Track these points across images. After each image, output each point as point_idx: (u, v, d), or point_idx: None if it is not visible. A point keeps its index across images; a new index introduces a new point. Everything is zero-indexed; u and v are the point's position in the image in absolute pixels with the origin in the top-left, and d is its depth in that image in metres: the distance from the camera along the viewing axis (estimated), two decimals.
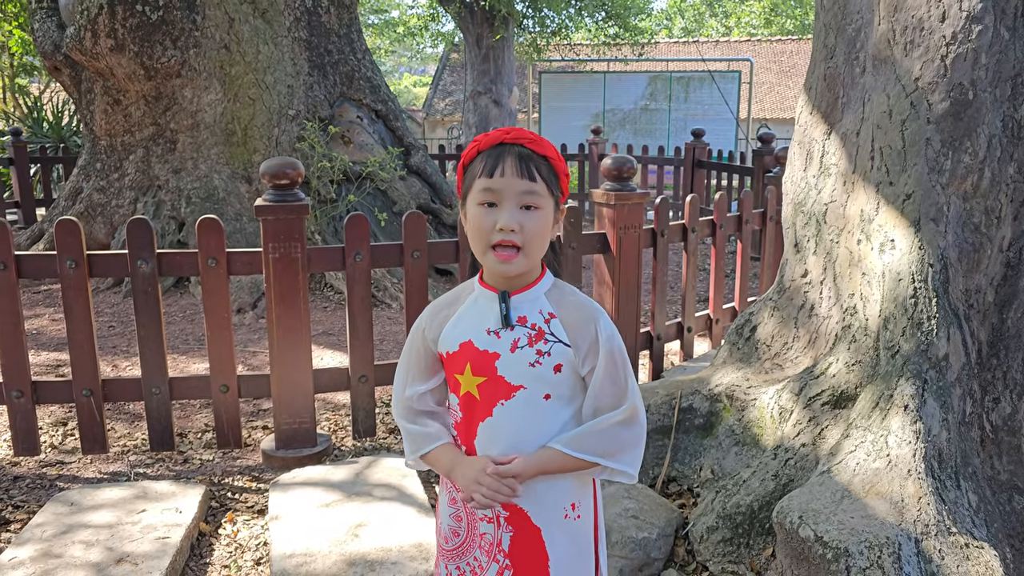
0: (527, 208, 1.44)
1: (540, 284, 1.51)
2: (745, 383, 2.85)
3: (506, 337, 1.49)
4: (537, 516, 1.54)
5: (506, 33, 13.54)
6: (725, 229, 4.61)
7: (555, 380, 1.49)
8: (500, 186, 1.43)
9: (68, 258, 3.20)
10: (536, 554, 1.54)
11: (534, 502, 1.53)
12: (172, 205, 6.46)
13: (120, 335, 5.36)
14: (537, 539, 1.54)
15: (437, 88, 26.47)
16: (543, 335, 1.48)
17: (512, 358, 1.48)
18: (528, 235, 1.43)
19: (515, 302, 1.50)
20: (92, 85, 6.57)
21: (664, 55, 22.05)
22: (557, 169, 1.49)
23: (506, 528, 1.54)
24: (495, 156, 1.44)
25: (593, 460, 1.48)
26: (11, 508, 3.07)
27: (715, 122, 14.10)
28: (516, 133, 1.46)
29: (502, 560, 1.55)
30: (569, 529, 1.56)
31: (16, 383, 3.31)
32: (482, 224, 1.44)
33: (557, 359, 1.48)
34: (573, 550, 1.56)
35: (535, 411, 1.50)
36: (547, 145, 1.48)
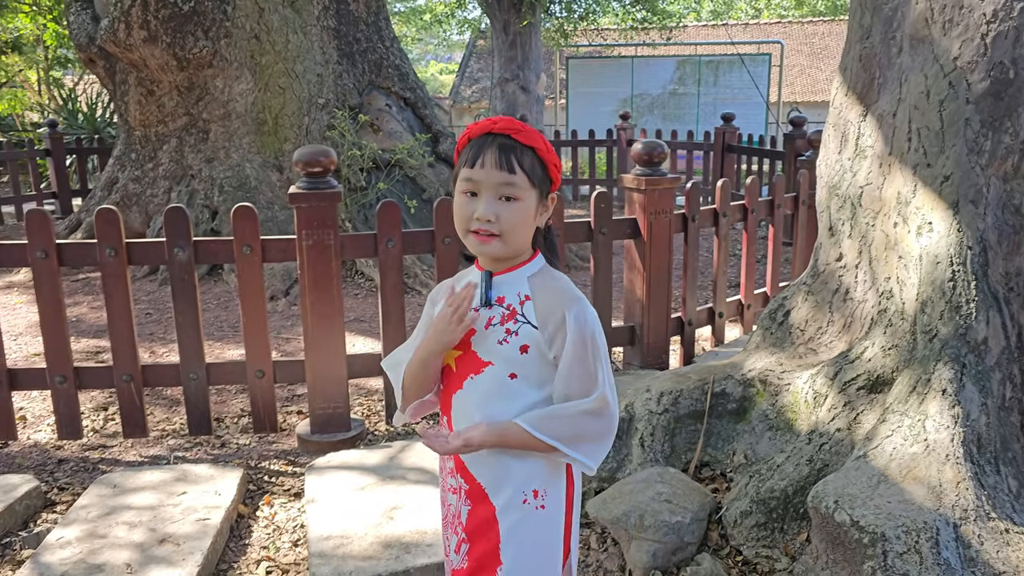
0: (506, 199, 1.46)
1: (525, 268, 1.54)
2: (779, 368, 2.84)
3: (484, 315, 1.52)
4: (494, 495, 1.54)
5: (533, 19, 13.48)
6: (757, 214, 4.58)
7: (521, 360, 1.50)
8: (479, 177, 1.46)
9: (108, 246, 3.26)
10: (489, 534, 1.54)
11: (492, 479, 1.54)
12: (205, 194, 6.54)
13: (156, 322, 5.45)
14: (492, 518, 1.54)
15: (464, 75, 26.43)
16: (514, 315, 1.51)
17: (485, 335, 1.52)
18: (505, 225, 1.46)
19: (497, 282, 1.54)
20: (126, 76, 6.66)
21: (693, 39, 21.82)
22: (545, 160, 1.50)
23: (465, 501, 1.57)
24: (478, 146, 1.47)
25: (552, 443, 1.47)
26: (56, 490, 3.15)
27: (745, 106, 13.94)
28: (504, 124, 1.48)
29: (460, 533, 1.58)
30: (527, 516, 1.53)
31: (59, 369, 3.39)
32: (462, 212, 1.49)
33: (524, 340, 1.50)
34: (530, 539, 1.54)
35: (500, 389, 1.52)
36: (534, 136, 1.49)
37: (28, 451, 3.51)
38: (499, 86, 13.79)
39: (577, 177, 11.04)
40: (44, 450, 3.52)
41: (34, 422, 3.83)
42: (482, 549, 1.54)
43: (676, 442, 2.88)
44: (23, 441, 3.61)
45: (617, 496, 2.59)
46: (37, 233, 3.26)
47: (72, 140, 10.30)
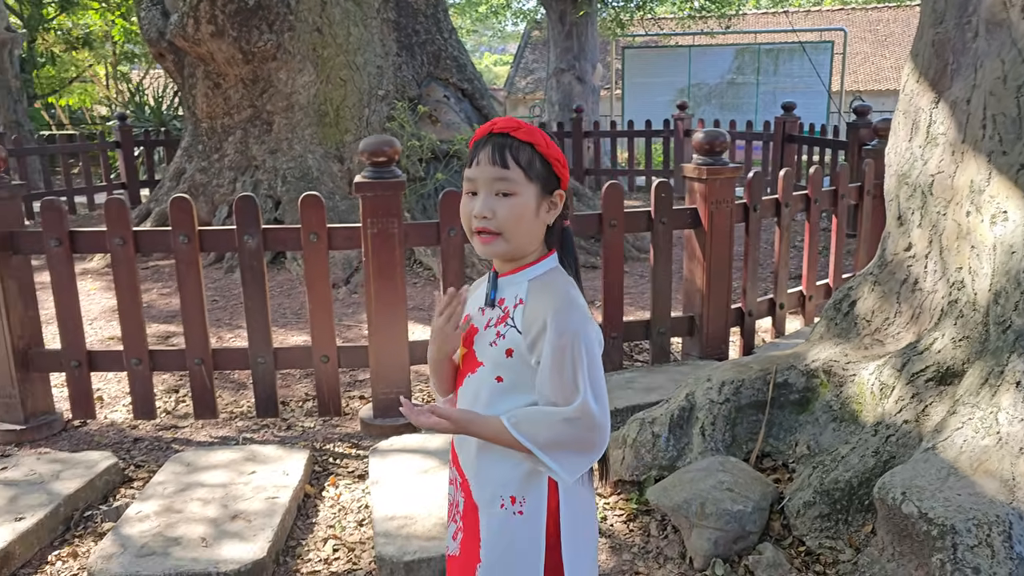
0: (502, 195, 1.45)
1: (529, 270, 1.51)
2: (843, 359, 2.81)
3: (486, 315, 1.54)
4: (476, 493, 1.55)
5: (589, 9, 13.41)
6: (820, 204, 4.51)
7: (506, 364, 1.49)
8: (476, 175, 1.47)
9: (181, 233, 3.38)
10: (475, 528, 1.56)
11: (476, 478, 1.55)
12: (269, 184, 6.69)
13: (222, 308, 5.60)
14: (475, 515, 1.56)
15: (519, 66, 26.44)
16: (506, 319, 1.50)
17: (482, 335, 1.54)
18: (502, 221, 1.44)
19: (502, 283, 1.53)
20: (194, 70, 6.84)
21: (752, 27, 21.46)
22: (546, 155, 1.47)
23: (460, 492, 1.60)
24: (477, 147, 1.48)
25: (526, 445, 1.43)
26: (133, 467, 3.28)
27: (806, 95, 13.67)
28: (503, 123, 1.47)
29: (458, 521, 1.61)
30: (504, 522, 1.52)
31: (135, 352, 3.52)
32: (464, 212, 1.49)
33: (509, 344, 1.48)
34: (505, 544, 1.52)
35: (487, 390, 1.52)
36: (535, 133, 1.47)
37: (105, 430, 3.66)
38: (555, 77, 13.77)
39: (633, 168, 10.97)
40: (120, 429, 3.66)
41: (110, 402, 3.99)
42: (470, 541, 1.57)
43: (737, 432, 2.87)
44: (100, 420, 3.76)
45: (678, 484, 2.60)
46: (115, 221, 3.39)
47: (140, 132, 10.61)
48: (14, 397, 3.53)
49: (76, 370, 3.57)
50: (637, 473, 2.89)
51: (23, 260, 3.50)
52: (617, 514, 2.80)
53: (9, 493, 2.92)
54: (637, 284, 6.01)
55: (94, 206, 10.00)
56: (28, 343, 3.54)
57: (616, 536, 2.68)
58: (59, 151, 10.22)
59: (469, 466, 1.57)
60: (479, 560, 1.54)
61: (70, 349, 3.54)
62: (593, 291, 5.75)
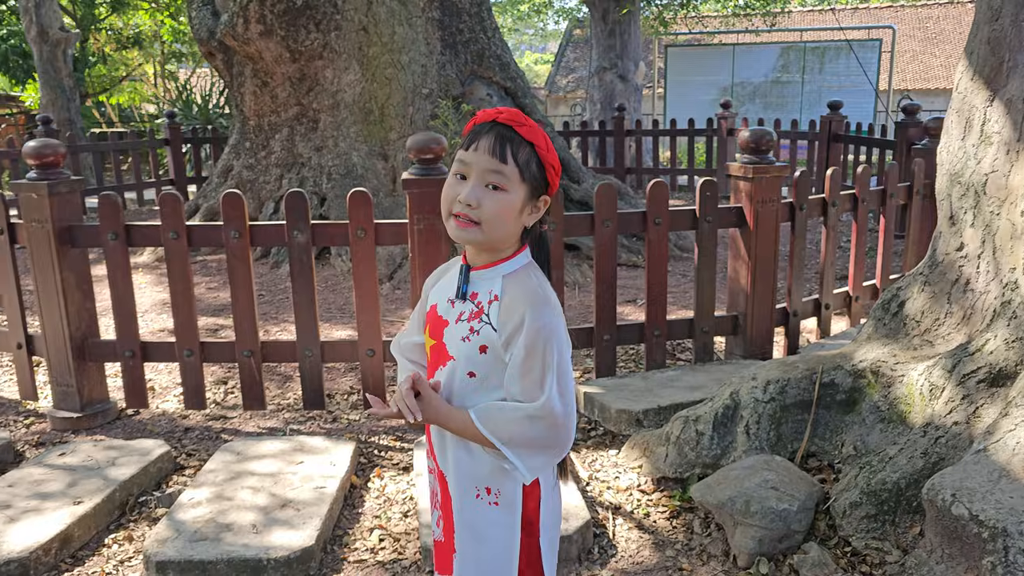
0: (492, 187, 1.43)
1: (503, 265, 1.50)
2: (892, 359, 2.78)
3: (457, 308, 1.52)
4: (452, 484, 1.57)
5: (633, 7, 13.36)
6: (867, 203, 4.45)
7: (479, 360, 1.49)
8: (471, 160, 1.43)
9: (233, 228, 3.45)
10: (452, 517, 1.59)
11: (450, 470, 1.56)
12: (314, 181, 6.79)
13: (269, 303, 5.70)
14: (450, 505, 1.58)
15: (560, 65, 26.41)
16: (480, 314, 1.49)
17: (453, 329, 1.52)
18: (485, 213, 1.42)
19: (475, 277, 1.51)
20: (242, 69, 6.97)
21: (797, 24, 21.19)
22: (543, 159, 1.45)
23: (437, 482, 1.63)
24: (478, 132, 1.45)
25: (490, 438, 1.46)
26: (184, 455, 3.37)
27: (852, 94, 13.46)
28: (509, 115, 1.45)
29: (439, 509, 1.65)
30: (480, 511, 1.53)
31: (187, 343, 3.61)
32: (448, 193, 1.46)
33: (483, 340, 1.48)
34: (479, 532, 1.54)
35: (459, 385, 1.52)
36: (537, 132, 1.45)
37: (157, 419, 3.76)
38: (597, 75, 13.74)
39: (675, 167, 10.91)
40: (171, 419, 3.76)
41: (161, 392, 4.09)
42: (450, 529, 1.60)
43: (782, 431, 2.86)
44: (152, 410, 3.86)
45: (722, 481, 2.60)
46: (170, 216, 3.48)
47: (188, 130, 10.83)
48: (71, 386, 3.64)
49: (130, 360, 3.67)
50: (681, 470, 2.90)
51: (81, 253, 3.61)
52: (660, 510, 2.80)
53: (68, 478, 3.02)
54: (679, 283, 5.99)
55: (143, 201, 10.23)
56: (85, 334, 3.65)
57: (659, 532, 2.68)
58: (110, 148, 10.47)
59: (443, 459, 1.58)
60: (454, 549, 1.58)
61: (125, 339, 3.64)
62: (635, 289, 5.75)
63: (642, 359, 4.10)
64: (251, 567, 2.44)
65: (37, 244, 3.50)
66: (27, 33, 13.01)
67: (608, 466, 3.15)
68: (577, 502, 2.71)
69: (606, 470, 3.12)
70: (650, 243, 3.76)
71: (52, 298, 3.54)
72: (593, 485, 3.00)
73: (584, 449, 3.32)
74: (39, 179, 3.47)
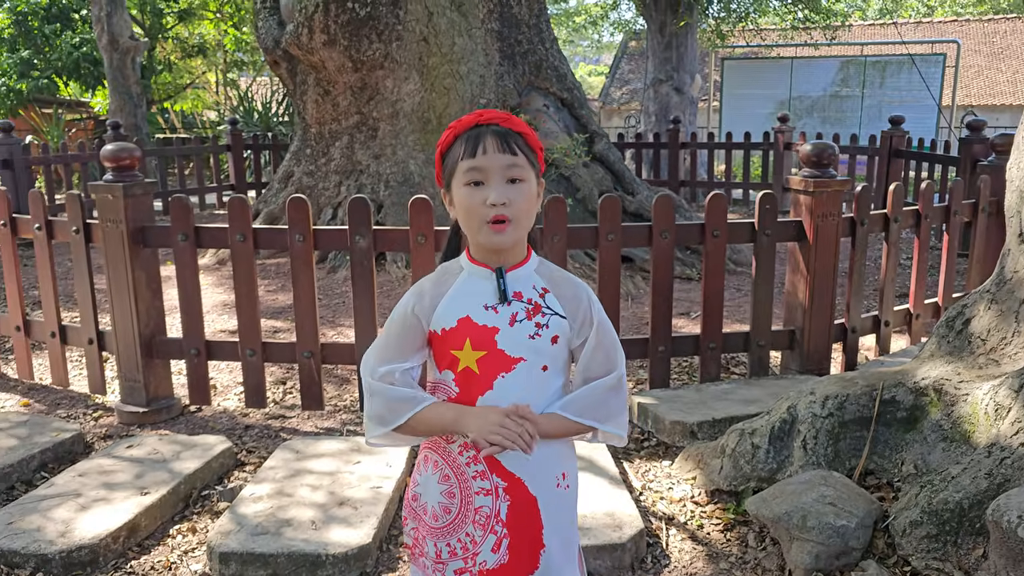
0: (512, 181, 1.49)
1: (530, 262, 1.59)
2: (956, 377, 2.74)
3: (504, 312, 1.54)
4: (533, 486, 1.58)
5: (690, 20, 13.32)
6: (930, 220, 4.38)
7: (552, 352, 1.56)
8: (484, 164, 1.48)
9: (297, 232, 3.55)
10: (532, 522, 1.58)
11: (530, 472, 1.57)
12: (372, 188, 6.91)
13: (326, 307, 5.81)
14: (533, 508, 1.57)
15: (614, 77, 26.39)
16: (540, 309, 1.55)
17: (511, 332, 1.53)
18: (517, 208, 1.49)
19: (510, 278, 1.55)
20: (305, 77, 7.13)
21: (858, 38, 20.85)
22: (533, 145, 1.54)
23: (504, 498, 1.57)
24: (474, 137, 1.49)
25: (591, 424, 1.57)
26: (245, 452, 3.46)
27: (914, 108, 13.21)
28: (489, 115, 1.52)
29: (500, 530, 1.57)
30: (560, 498, 1.61)
31: (250, 343, 3.71)
32: (471, 203, 1.49)
33: (555, 331, 1.55)
34: (563, 518, 1.62)
35: (535, 382, 1.55)
36: (520, 123, 1.53)
37: (218, 416, 3.86)
38: (652, 87, 13.71)
39: (730, 180, 10.81)
40: (232, 416, 3.86)
41: (223, 391, 4.21)
42: (526, 538, 1.58)
43: (840, 447, 2.83)
44: (214, 407, 3.97)
45: (779, 495, 2.58)
46: (238, 218, 3.59)
47: (248, 137, 11.10)
48: (138, 381, 3.76)
49: (195, 358, 3.79)
50: (735, 483, 2.88)
51: (152, 253, 3.74)
52: (714, 523, 2.79)
53: (135, 469, 3.13)
54: (734, 298, 5.95)
55: (204, 206, 10.50)
56: (153, 331, 3.78)
57: (713, 544, 2.68)
58: (175, 153, 10.79)
59: (519, 464, 1.57)
60: (543, 546, 1.59)
61: (190, 337, 3.76)
62: (689, 302, 5.72)
63: (696, 372, 4.09)
64: (310, 561, 2.50)
65: (111, 243, 3.64)
66: (98, 41, 13.46)
67: (661, 477, 3.14)
68: (631, 511, 2.71)
69: (659, 480, 3.11)
70: (707, 255, 3.75)
71: (123, 296, 3.67)
72: (646, 495, 3.01)
73: (637, 459, 3.32)
74: (115, 181, 3.61)
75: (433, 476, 1.63)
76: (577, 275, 5.69)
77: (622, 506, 2.75)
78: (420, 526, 1.66)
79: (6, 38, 16.38)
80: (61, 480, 3.06)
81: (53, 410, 3.96)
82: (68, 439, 3.46)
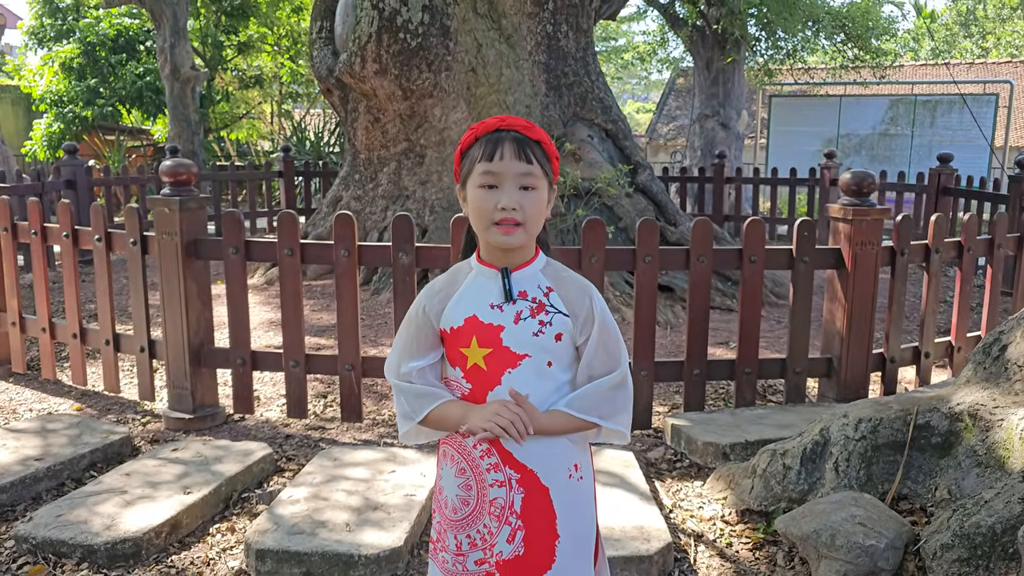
0: (525, 188, 1.57)
1: (536, 262, 1.65)
2: (991, 403, 2.72)
3: (509, 310, 1.61)
4: (545, 476, 1.63)
5: (738, 56, 13.38)
6: (973, 252, 4.34)
7: (556, 348, 1.62)
8: (500, 169, 1.56)
9: (343, 248, 3.67)
10: (545, 513, 1.63)
11: (541, 463, 1.63)
12: (417, 213, 7.05)
13: (368, 327, 5.93)
14: (546, 498, 1.63)
15: (662, 113, 26.50)
16: (544, 307, 1.62)
17: (516, 329, 1.61)
18: (527, 213, 1.57)
19: (515, 278, 1.63)
20: (357, 105, 7.35)
21: (909, 78, 20.68)
22: (548, 152, 1.62)
23: (517, 490, 1.63)
24: (494, 142, 1.57)
25: (593, 420, 1.63)
26: (284, 459, 3.55)
27: (965, 148, 13.05)
28: (510, 121, 1.60)
29: (514, 521, 1.63)
30: (573, 489, 1.66)
31: (294, 354, 3.83)
32: (483, 205, 1.57)
33: (558, 328, 1.62)
34: (576, 509, 1.66)
35: (540, 378, 1.63)
36: (538, 130, 1.61)
37: (261, 425, 3.97)
38: (698, 122, 13.77)
39: (775, 216, 10.77)
40: (274, 426, 3.97)
41: (265, 402, 4.32)
42: (540, 529, 1.63)
43: (872, 471, 2.82)
44: (257, 417, 4.08)
45: (808, 514, 2.58)
46: (287, 234, 3.73)
47: (300, 164, 11.40)
48: (186, 388, 3.90)
49: (241, 367, 3.91)
50: (766, 503, 2.89)
51: (203, 265, 3.89)
52: (743, 542, 2.80)
53: (178, 470, 3.24)
54: (772, 329, 5.92)
55: (256, 230, 10.78)
56: (202, 340, 3.91)
57: (741, 562, 2.68)
58: (229, 178, 11.13)
59: (532, 456, 1.63)
60: (557, 537, 1.63)
61: (237, 348, 3.89)
62: (727, 332, 5.72)
63: (731, 398, 4.09)
64: (343, 561, 2.57)
65: (166, 255, 3.80)
66: (161, 71, 14.01)
67: (692, 496, 3.15)
68: (659, 525, 2.73)
69: (690, 500, 3.13)
70: (745, 280, 3.78)
71: (175, 306, 3.82)
72: (676, 513, 3.02)
73: (669, 479, 3.33)
74: (172, 195, 3.78)
75: (451, 470, 1.71)
76: (616, 302, 5.72)
77: (651, 521, 2.77)
78: (443, 519, 1.73)
79: (75, 67, 17.11)
80: (108, 479, 3.19)
81: (104, 414, 4.11)
82: (117, 441, 3.59)
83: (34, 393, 4.44)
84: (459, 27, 6.85)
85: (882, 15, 14.04)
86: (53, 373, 4.62)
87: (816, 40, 14.38)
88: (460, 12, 6.86)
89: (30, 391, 4.47)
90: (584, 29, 7.58)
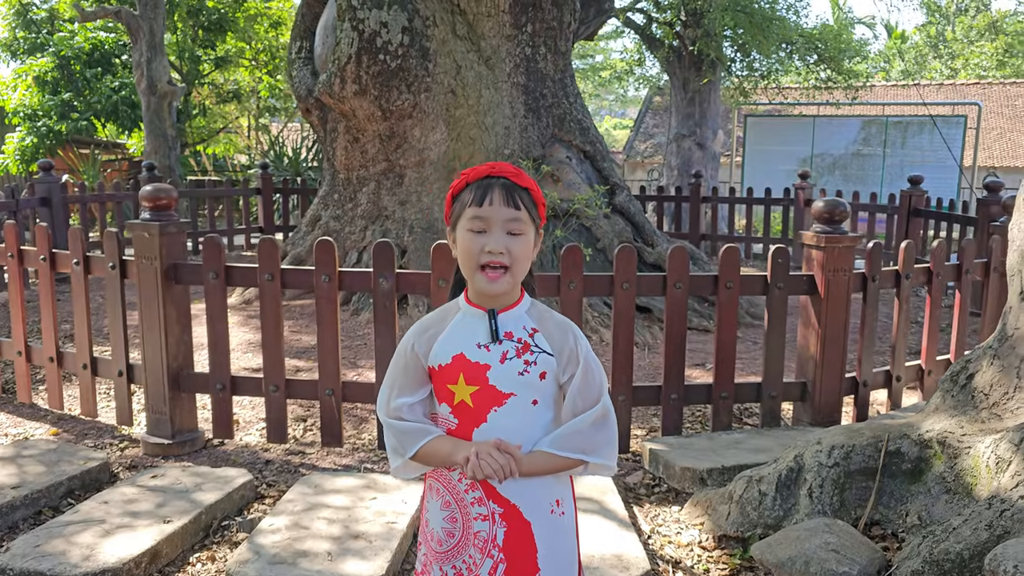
0: (512, 234, 1.63)
1: (522, 304, 1.71)
2: (959, 431, 2.79)
3: (495, 350, 1.67)
4: (528, 511, 1.69)
5: (713, 77, 13.57)
6: (942, 278, 4.45)
7: (540, 386, 1.68)
8: (488, 214, 1.62)
9: (324, 273, 3.69)
10: (527, 547, 1.68)
11: (525, 499, 1.68)
12: (396, 233, 7.08)
13: (348, 348, 5.93)
14: (528, 533, 1.68)
15: (639, 131, 26.76)
16: (529, 347, 1.67)
17: (502, 368, 1.66)
18: (514, 257, 1.62)
19: (502, 319, 1.69)
20: (336, 125, 7.38)
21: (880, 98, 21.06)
22: (536, 199, 1.68)
23: (500, 524, 1.69)
24: (483, 187, 1.64)
25: (577, 457, 1.66)
26: (265, 485, 3.55)
27: (935, 169, 13.30)
28: (500, 168, 1.66)
29: (496, 555, 1.69)
30: (555, 524, 1.71)
31: (273, 379, 3.83)
32: (471, 248, 1.63)
33: (543, 367, 1.67)
34: (558, 544, 1.71)
35: (525, 416, 1.68)
36: (527, 178, 1.67)
37: (240, 450, 3.97)
38: (675, 142, 13.93)
39: (750, 235, 10.91)
40: (253, 451, 3.97)
41: (244, 425, 4.32)
42: (521, 563, 1.68)
43: (846, 497, 2.88)
44: (236, 441, 4.08)
45: (783, 541, 2.64)
46: (267, 259, 3.74)
47: (278, 181, 11.39)
48: (165, 414, 3.89)
49: (220, 392, 3.91)
50: (742, 529, 2.94)
51: (183, 290, 3.90)
52: (720, 568, 2.84)
53: (157, 499, 3.23)
54: (749, 350, 6.00)
55: (232, 247, 10.75)
56: (181, 365, 3.91)
57: None
58: (207, 195, 11.08)
59: (515, 492, 1.68)
60: (537, 571, 1.68)
61: (217, 372, 3.89)
62: (704, 354, 5.79)
63: (708, 421, 4.15)
64: None
65: (145, 279, 3.80)
66: (137, 85, 13.95)
67: (670, 521, 3.20)
68: (638, 553, 2.77)
69: (668, 525, 3.17)
70: (720, 306, 3.85)
71: (154, 330, 3.82)
72: (655, 539, 3.06)
73: (647, 504, 3.38)
74: (152, 220, 3.78)
75: (437, 503, 1.76)
76: (594, 323, 5.77)
77: (630, 548, 2.81)
78: (428, 551, 1.77)
79: (49, 80, 16.98)
80: (86, 507, 3.17)
81: (81, 440, 4.08)
82: (95, 468, 3.58)
83: (9, 417, 4.40)
84: (438, 49, 6.91)
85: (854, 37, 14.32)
86: (29, 397, 4.59)
87: (790, 61, 14.64)
88: (439, 34, 6.92)
89: (4, 415, 4.43)
90: (562, 51, 7.67)
